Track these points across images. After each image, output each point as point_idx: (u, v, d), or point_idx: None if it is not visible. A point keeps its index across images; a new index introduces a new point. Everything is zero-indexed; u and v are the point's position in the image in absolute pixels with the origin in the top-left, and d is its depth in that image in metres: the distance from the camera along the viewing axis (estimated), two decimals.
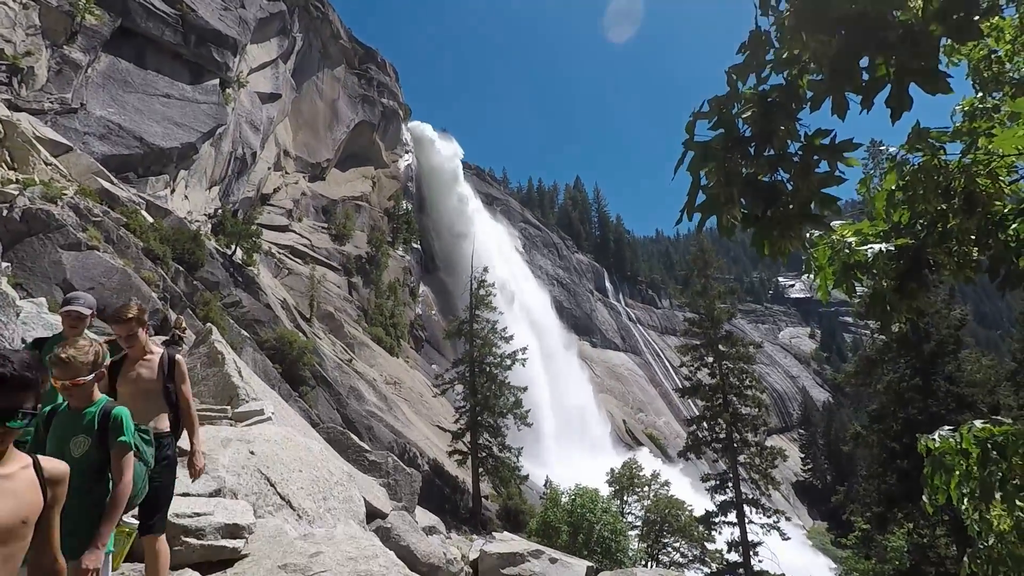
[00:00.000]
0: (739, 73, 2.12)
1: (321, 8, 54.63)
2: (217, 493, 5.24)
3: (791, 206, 2.13)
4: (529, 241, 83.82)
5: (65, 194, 19.81)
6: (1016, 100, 2.70)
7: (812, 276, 2.99)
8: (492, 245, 64.47)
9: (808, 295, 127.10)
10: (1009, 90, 3.07)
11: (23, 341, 7.96)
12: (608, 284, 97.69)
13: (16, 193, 18.07)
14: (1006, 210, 2.49)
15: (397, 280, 55.13)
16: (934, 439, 2.96)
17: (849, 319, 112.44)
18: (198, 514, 4.57)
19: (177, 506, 4.59)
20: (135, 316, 3.90)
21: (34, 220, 17.43)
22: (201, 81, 36.65)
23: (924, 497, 3.02)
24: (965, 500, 2.83)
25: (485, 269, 35.52)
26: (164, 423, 3.86)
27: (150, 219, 25.14)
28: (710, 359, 30.84)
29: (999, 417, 2.87)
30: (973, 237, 2.48)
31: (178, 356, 4.04)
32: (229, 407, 9.97)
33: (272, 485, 5.95)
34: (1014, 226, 2.44)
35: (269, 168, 46.78)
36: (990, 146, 2.47)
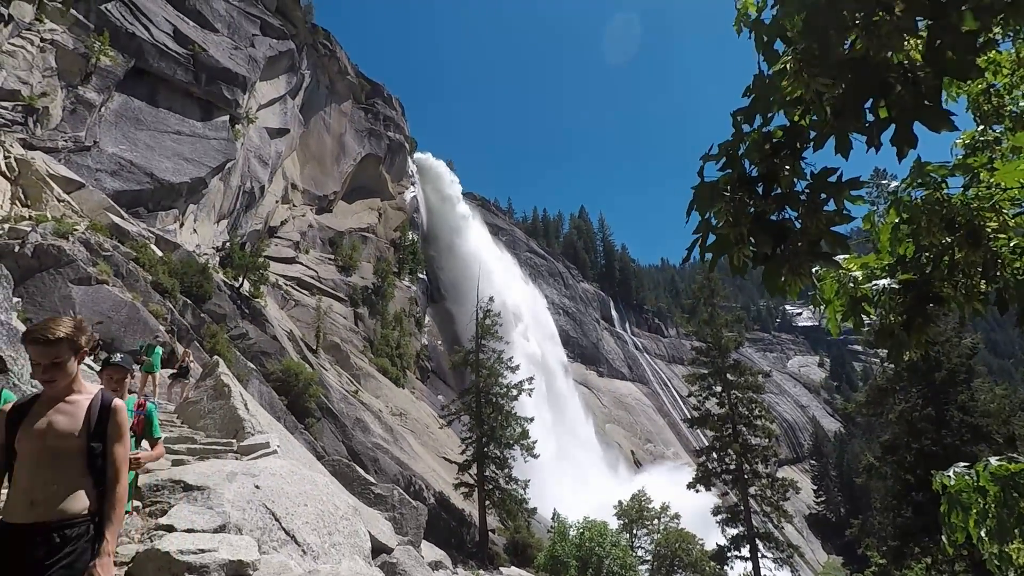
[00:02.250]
0: (744, 115, 2.18)
1: (329, 45, 56.10)
2: (222, 528, 5.19)
3: (800, 244, 2.15)
4: (534, 270, 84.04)
5: (76, 230, 20.10)
6: (1017, 135, 2.74)
7: (821, 310, 3.01)
8: (498, 274, 64.70)
9: (816, 323, 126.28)
10: (1009, 123, 3.12)
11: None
12: (614, 313, 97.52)
13: (28, 229, 18.36)
14: (1011, 244, 2.50)
15: (403, 310, 55.23)
16: (949, 476, 2.92)
17: (859, 347, 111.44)
18: (202, 550, 4.52)
19: (181, 542, 4.55)
20: (67, 336, 2.58)
21: (45, 255, 17.65)
22: (211, 118, 37.47)
23: (943, 537, 2.96)
24: (985, 538, 2.78)
25: (491, 299, 35.54)
26: (79, 502, 2.56)
27: (159, 253, 25.43)
28: (718, 388, 30.55)
29: (1015, 455, 2.84)
30: (980, 270, 2.50)
31: (116, 401, 2.75)
32: (235, 440, 9.92)
33: (277, 520, 5.89)
34: (1020, 262, 2.46)
35: (277, 201, 47.43)
36: (991, 179, 2.51)
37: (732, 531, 28.29)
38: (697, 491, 31.26)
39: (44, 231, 18.59)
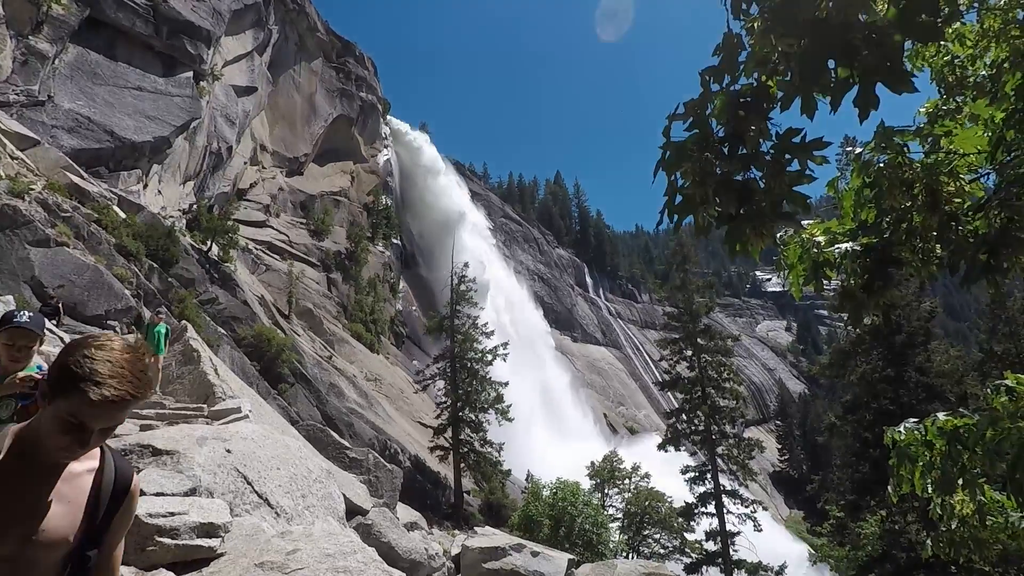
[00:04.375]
0: (712, 75, 2.16)
1: (297, 0, 53.82)
2: (192, 492, 5.18)
3: (764, 204, 2.17)
4: (509, 236, 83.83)
5: (33, 189, 19.29)
6: (976, 102, 2.79)
7: (785, 274, 3.06)
8: (475, 240, 64.46)
9: (784, 289, 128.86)
10: (971, 93, 3.17)
11: None
12: (588, 279, 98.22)
13: None
14: (966, 206, 2.57)
15: (377, 276, 54.76)
16: (900, 431, 3.06)
17: (824, 312, 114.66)
18: (172, 513, 4.51)
19: (151, 506, 4.53)
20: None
21: (0, 216, 16.95)
22: (174, 73, 35.90)
23: (889, 487, 3.12)
24: (930, 488, 2.93)
25: (466, 264, 35.45)
26: None
27: (122, 215, 24.61)
28: (689, 352, 31.21)
29: (962, 410, 2.98)
30: (935, 234, 2.57)
31: (136, 480, 1.72)
32: (205, 405, 9.84)
33: (249, 483, 5.89)
34: (973, 224, 2.53)
35: (245, 163, 46.05)
36: (951, 145, 2.56)
37: (700, 489, 29.32)
38: (667, 451, 32.22)
39: None
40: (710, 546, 28.55)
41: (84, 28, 30.59)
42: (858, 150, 2.69)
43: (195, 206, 37.23)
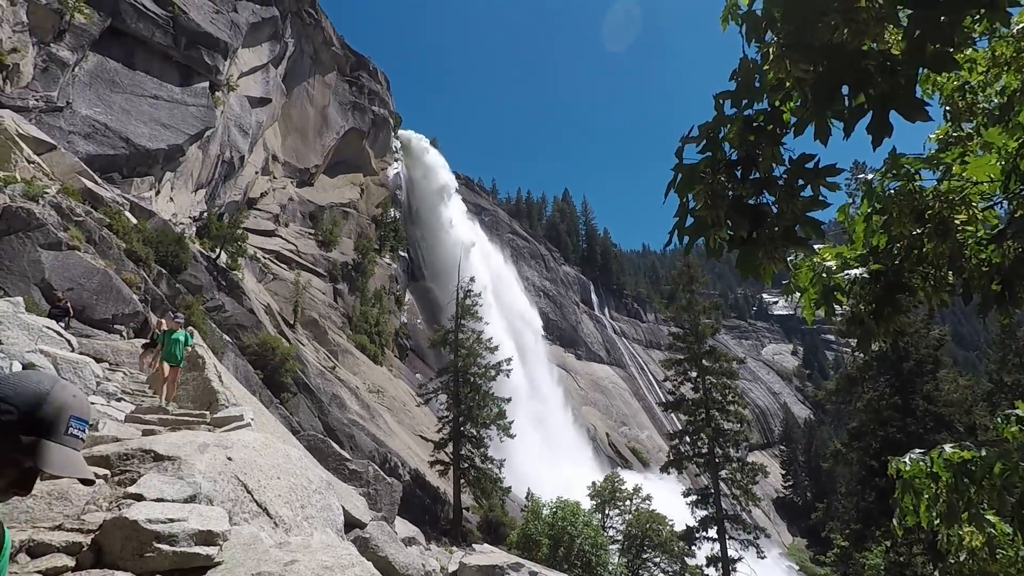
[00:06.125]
0: (727, 98, 2.18)
1: (314, 14, 54.68)
2: (192, 499, 5.15)
3: (776, 228, 2.17)
4: (516, 252, 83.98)
5: (47, 193, 19.51)
6: (990, 131, 2.80)
7: (796, 298, 3.06)
8: (479, 255, 64.58)
9: (791, 312, 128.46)
10: (981, 119, 3.16)
11: None
12: (594, 297, 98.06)
13: None
14: (979, 235, 2.56)
15: (383, 288, 54.90)
16: (905, 463, 3.02)
17: (831, 337, 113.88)
18: (171, 520, 4.48)
19: (150, 511, 4.51)
20: None
21: (14, 218, 17.14)
22: (190, 83, 36.44)
23: (894, 520, 3.07)
24: (936, 521, 2.88)
25: (472, 279, 35.50)
26: None
27: (134, 220, 24.84)
28: (694, 374, 31.02)
29: (968, 442, 2.95)
30: (947, 261, 2.55)
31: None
32: (208, 412, 9.84)
33: (249, 492, 5.86)
34: (985, 253, 2.52)
35: (257, 172, 46.49)
36: (963, 173, 2.56)
37: (701, 513, 28.94)
38: (669, 473, 31.89)
39: (13, 193, 18.01)
40: (711, 572, 28.11)
41: (105, 37, 31.16)
42: (869, 176, 2.69)
43: (205, 214, 37.56)
